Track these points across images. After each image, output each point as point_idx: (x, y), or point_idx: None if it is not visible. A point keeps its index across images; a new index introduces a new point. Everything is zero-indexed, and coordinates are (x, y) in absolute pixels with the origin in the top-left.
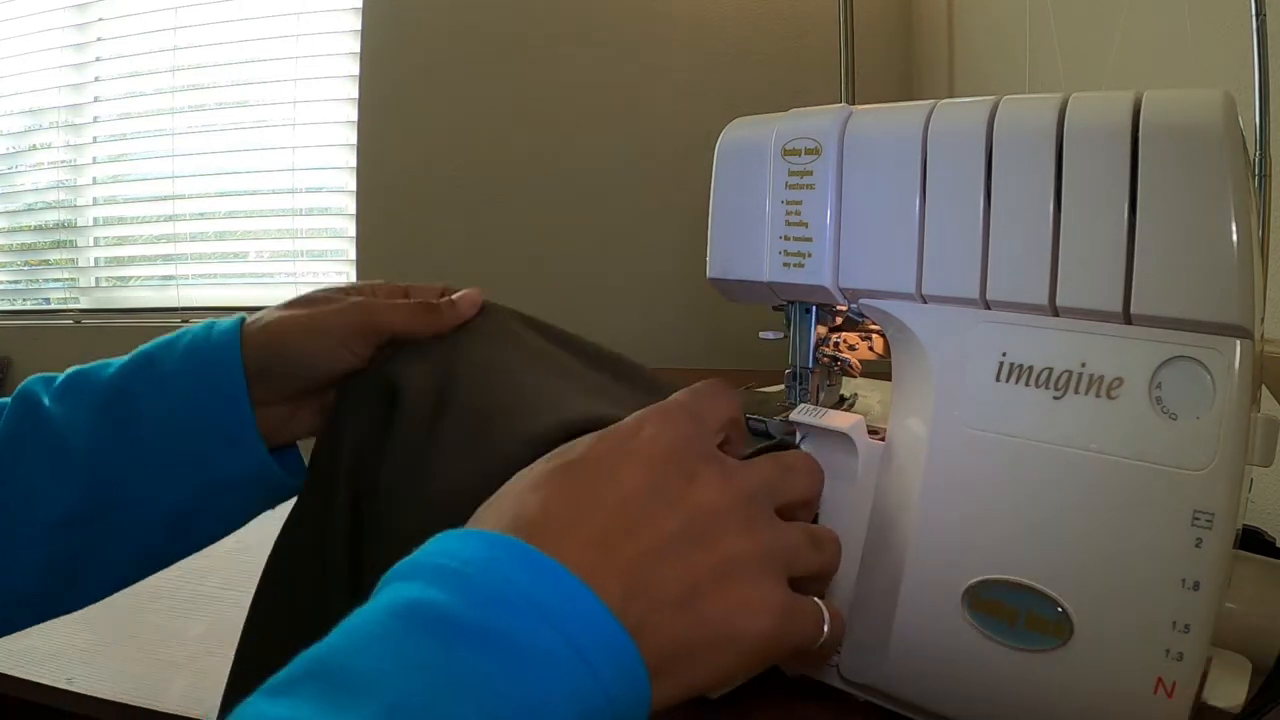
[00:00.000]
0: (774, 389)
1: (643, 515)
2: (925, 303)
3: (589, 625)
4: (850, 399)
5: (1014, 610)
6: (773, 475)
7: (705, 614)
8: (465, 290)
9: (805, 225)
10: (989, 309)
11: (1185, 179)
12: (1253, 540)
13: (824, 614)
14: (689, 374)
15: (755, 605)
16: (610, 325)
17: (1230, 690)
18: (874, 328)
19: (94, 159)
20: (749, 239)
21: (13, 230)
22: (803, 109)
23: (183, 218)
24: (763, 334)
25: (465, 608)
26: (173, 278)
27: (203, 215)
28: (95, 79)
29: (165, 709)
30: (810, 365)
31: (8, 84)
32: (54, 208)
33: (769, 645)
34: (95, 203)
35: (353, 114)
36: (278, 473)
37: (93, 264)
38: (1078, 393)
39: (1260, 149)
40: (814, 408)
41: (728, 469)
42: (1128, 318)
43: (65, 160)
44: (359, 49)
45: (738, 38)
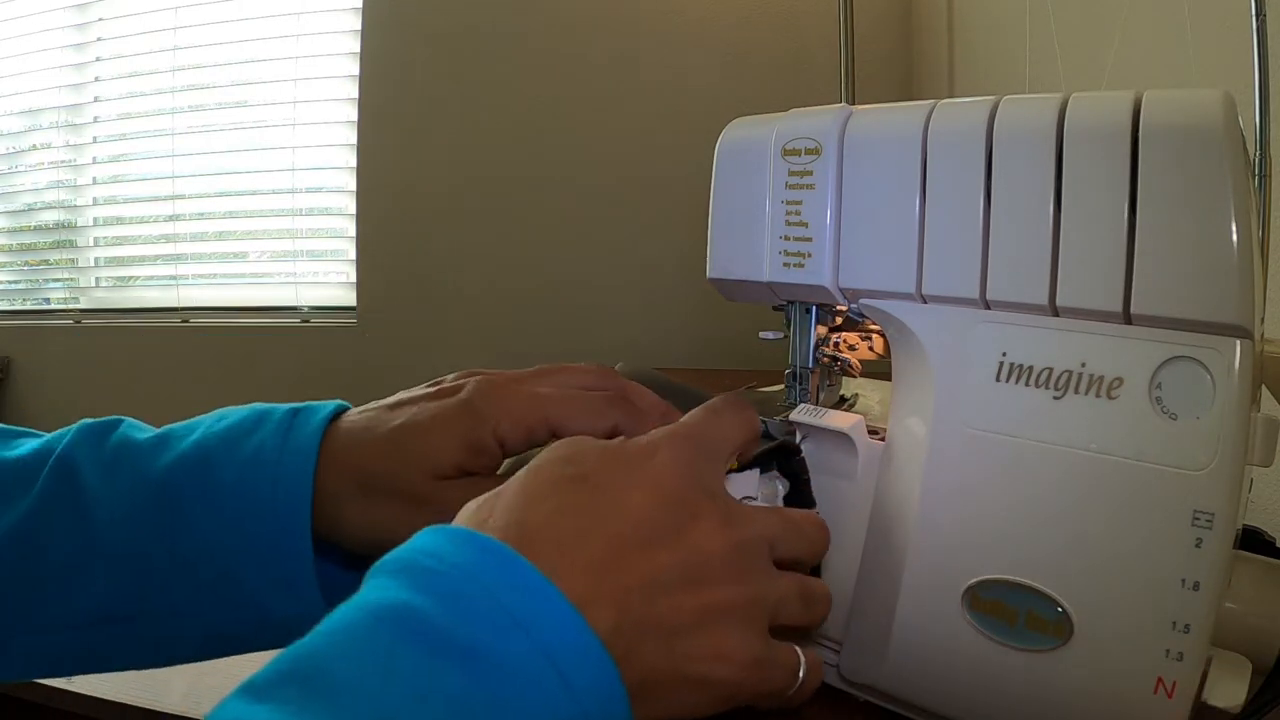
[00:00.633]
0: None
1: (643, 547)
2: (925, 303)
3: (579, 655)
4: (851, 399)
5: (1014, 610)
6: (776, 530)
7: (682, 654)
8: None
9: (805, 225)
10: (989, 309)
11: (1185, 179)
12: (1253, 540)
13: (800, 664)
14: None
15: (729, 654)
16: (610, 325)
17: (1230, 690)
18: (874, 328)
19: (94, 159)
20: (749, 239)
21: (13, 230)
22: (803, 109)
23: (183, 218)
24: (763, 334)
25: (453, 622)
26: (173, 278)
27: (203, 215)
28: (95, 79)
29: (165, 709)
30: (810, 365)
31: (7, 84)
32: (54, 208)
33: (736, 693)
34: (95, 203)
35: (353, 114)
36: None
37: (93, 264)
38: (1078, 393)
39: (1260, 149)
40: (814, 408)
41: (731, 515)
42: (1128, 318)
43: (65, 160)
44: (359, 49)
45: (738, 38)
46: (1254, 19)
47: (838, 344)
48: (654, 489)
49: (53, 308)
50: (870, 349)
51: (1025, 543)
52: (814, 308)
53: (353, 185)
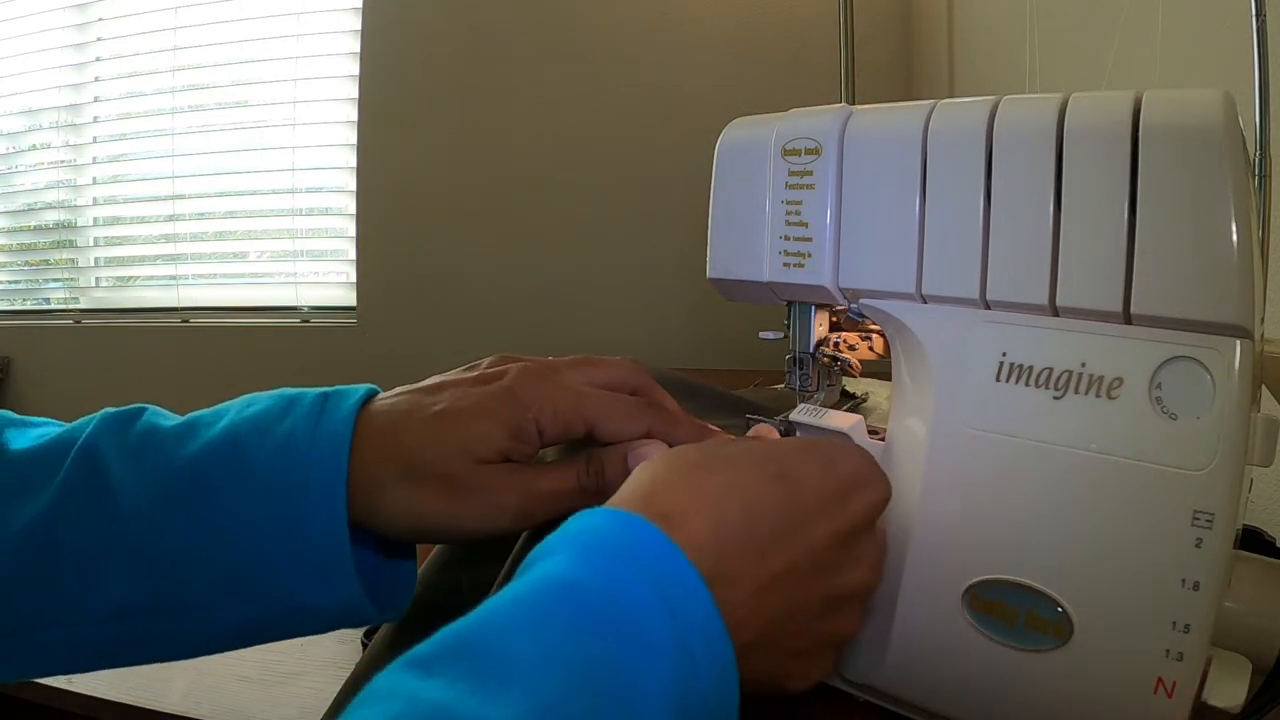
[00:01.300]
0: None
1: (807, 578)
2: (925, 303)
3: (718, 668)
4: (861, 396)
5: (1014, 610)
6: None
7: (779, 671)
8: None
9: (805, 225)
10: (989, 309)
11: (1185, 179)
12: (1253, 540)
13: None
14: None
15: (809, 675)
16: (610, 325)
17: (1230, 690)
18: (874, 328)
19: (94, 159)
20: (749, 239)
21: (13, 230)
22: (803, 109)
23: (183, 218)
24: (763, 334)
25: (612, 607)
26: (173, 278)
27: (203, 215)
28: (95, 79)
29: (165, 709)
30: (811, 350)
31: (7, 84)
32: (54, 208)
33: (782, 694)
34: (95, 203)
35: (353, 114)
36: (370, 610)
37: (93, 264)
38: (1078, 393)
39: (1260, 149)
40: (814, 408)
41: (875, 559)
42: (1128, 318)
43: (65, 160)
44: (359, 49)
45: (738, 38)
46: (1254, 19)
47: (838, 344)
48: (847, 528)
49: (53, 308)
50: (870, 349)
51: (1025, 543)
52: (813, 307)
53: (353, 185)
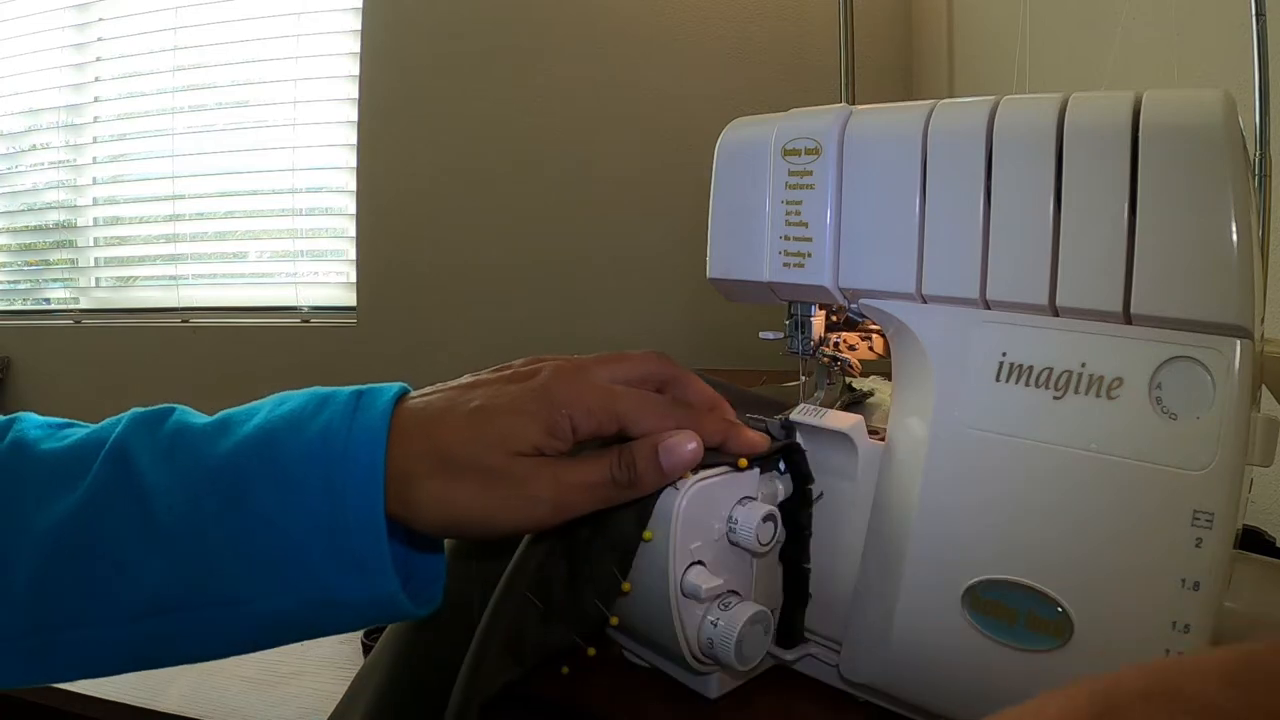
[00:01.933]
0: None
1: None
2: (925, 303)
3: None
4: (868, 392)
5: (1014, 610)
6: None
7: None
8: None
9: (805, 225)
10: (989, 309)
11: (1185, 179)
12: (1253, 540)
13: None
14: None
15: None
16: (610, 325)
17: None
18: (874, 328)
19: (94, 159)
20: (749, 239)
21: (13, 230)
22: (803, 109)
23: (183, 218)
24: (763, 334)
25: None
26: (173, 278)
27: (203, 215)
28: (95, 79)
29: (165, 709)
30: (811, 314)
31: (7, 84)
32: (54, 208)
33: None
34: (95, 203)
35: (353, 114)
36: (404, 603)
37: (93, 264)
38: (1078, 393)
39: (1260, 149)
40: (814, 408)
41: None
42: (1128, 318)
43: (65, 160)
44: (359, 49)
45: (738, 38)
46: (1254, 19)
47: (838, 344)
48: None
49: (53, 308)
50: (870, 349)
51: (1025, 543)
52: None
53: (353, 185)
